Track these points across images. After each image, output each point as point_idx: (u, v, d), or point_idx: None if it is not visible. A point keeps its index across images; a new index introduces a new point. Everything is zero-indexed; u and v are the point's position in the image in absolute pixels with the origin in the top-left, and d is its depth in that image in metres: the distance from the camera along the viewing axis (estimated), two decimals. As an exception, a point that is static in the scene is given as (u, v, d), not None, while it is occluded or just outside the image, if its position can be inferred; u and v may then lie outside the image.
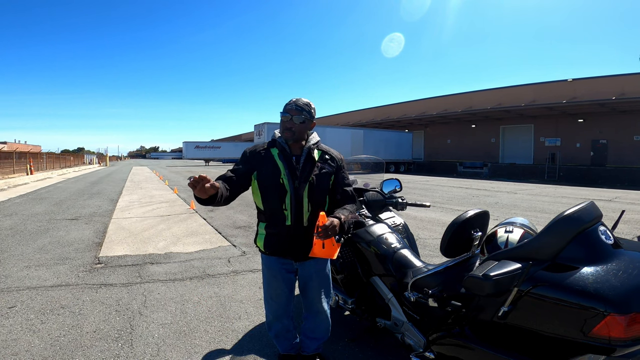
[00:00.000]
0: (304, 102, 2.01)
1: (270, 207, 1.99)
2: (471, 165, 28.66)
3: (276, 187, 1.95)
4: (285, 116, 1.99)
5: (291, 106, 1.99)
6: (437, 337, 1.89)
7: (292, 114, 1.98)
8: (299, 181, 1.96)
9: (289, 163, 1.99)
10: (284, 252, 2.05)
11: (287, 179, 1.95)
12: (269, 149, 2.04)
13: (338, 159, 2.14)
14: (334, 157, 2.12)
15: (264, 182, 1.98)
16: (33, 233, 6.44)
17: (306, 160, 2.02)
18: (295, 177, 1.97)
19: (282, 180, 1.95)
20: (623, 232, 6.50)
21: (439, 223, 7.51)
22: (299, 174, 1.98)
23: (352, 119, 43.63)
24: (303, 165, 2.00)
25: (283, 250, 2.04)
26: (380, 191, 3.04)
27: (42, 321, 3.04)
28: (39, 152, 36.90)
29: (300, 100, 2.01)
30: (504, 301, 1.48)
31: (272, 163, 1.99)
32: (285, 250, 2.04)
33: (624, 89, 22.40)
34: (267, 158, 2.01)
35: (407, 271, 2.26)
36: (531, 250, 1.51)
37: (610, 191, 15.04)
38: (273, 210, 1.99)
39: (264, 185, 1.99)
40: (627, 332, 1.24)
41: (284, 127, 2.00)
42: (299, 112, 1.98)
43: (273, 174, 1.96)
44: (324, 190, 2.05)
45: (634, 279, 1.31)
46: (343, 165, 2.15)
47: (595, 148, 25.21)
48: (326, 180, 2.04)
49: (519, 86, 28.80)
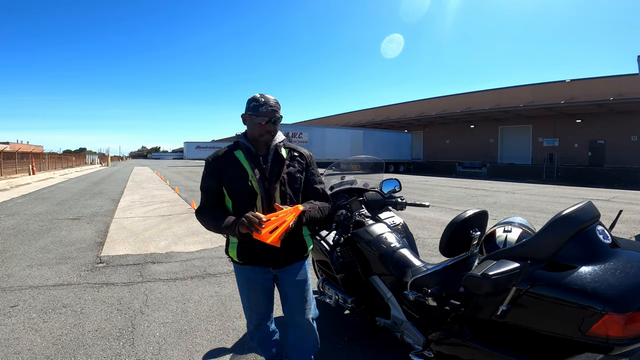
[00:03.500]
0: (275, 101, 1.86)
1: (241, 213, 1.77)
2: (470, 165, 28.69)
3: (246, 191, 1.83)
4: (263, 119, 1.82)
5: (267, 108, 1.82)
6: (436, 336, 1.91)
7: (270, 117, 1.82)
8: (269, 182, 1.84)
9: (256, 164, 1.86)
10: (261, 259, 1.89)
11: (256, 181, 1.82)
12: (232, 152, 1.90)
13: (307, 155, 2.03)
14: (303, 155, 2.01)
15: (232, 187, 1.85)
16: (35, 233, 6.45)
17: (274, 160, 1.90)
18: (265, 178, 1.85)
19: (250, 183, 1.83)
20: (621, 231, 6.53)
21: (438, 223, 7.53)
22: (268, 174, 1.86)
23: (352, 119, 43.62)
24: (271, 165, 1.88)
25: (259, 258, 1.88)
26: (379, 191, 3.06)
27: (44, 320, 3.05)
28: (41, 153, 36.85)
29: (271, 99, 1.85)
30: (502, 300, 1.49)
31: (238, 166, 1.86)
32: (262, 257, 1.88)
33: (622, 90, 22.45)
34: (233, 162, 1.87)
35: (406, 270, 2.27)
36: (529, 249, 1.52)
37: (608, 191, 15.08)
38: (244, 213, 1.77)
39: (232, 190, 1.86)
40: (624, 331, 1.25)
41: (262, 130, 1.84)
42: (275, 113, 1.84)
43: (241, 177, 1.84)
44: (297, 190, 1.94)
45: (632, 278, 1.33)
46: (312, 162, 2.04)
47: (593, 148, 25.26)
48: (297, 179, 1.94)
49: (518, 87, 28.84)
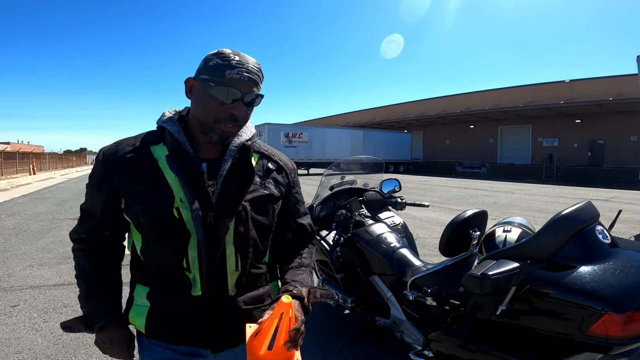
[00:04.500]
0: (256, 64, 0.99)
1: (156, 261, 1.01)
2: (470, 165, 28.69)
3: (164, 226, 0.96)
4: (233, 93, 0.95)
5: (241, 73, 0.94)
6: (436, 335, 1.91)
7: (245, 90, 0.96)
8: (216, 213, 0.98)
9: (193, 177, 0.98)
10: (190, 337, 1.04)
11: (189, 211, 0.96)
12: (148, 149, 1.02)
13: (290, 170, 1.18)
14: (283, 167, 1.16)
15: (139, 214, 0.98)
16: (36, 232, 6.45)
17: (234, 172, 1.03)
18: (209, 207, 0.98)
19: (177, 212, 0.96)
20: (620, 231, 6.54)
21: (438, 222, 7.54)
22: (215, 198, 0.99)
23: (352, 119, 43.60)
24: (226, 182, 1.01)
25: (187, 336, 1.04)
26: (379, 191, 3.07)
27: (44, 320, 3.05)
28: (42, 153, 36.93)
29: (251, 60, 0.98)
30: (502, 300, 1.50)
31: (154, 177, 0.98)
32: (193, 334, 1.04)
33: (621, 90, 22.46)
34: (145, 167, 0.99)
35: (406, 270, 2.28)
36: (529, 249, 1.53)
37: (607, 191, 15.09)
38: (162, 267, 1.00)
39: (140, 220, 0.98)
40: (624, 331, 1.26)
41: (224, 114, 0.96)
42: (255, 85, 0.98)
43: (158, 198, 0.97)
44: (267, 230, 1.10)
45: (631, 278, 1.33)
46: (297, 181, 1.23)
47: (592, 148, 25.27)
48: (270, 210, 1.09)
49: (517, 87, 28.84)
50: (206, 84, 0.95)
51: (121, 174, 0.99)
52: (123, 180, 0.98)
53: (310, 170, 26.05)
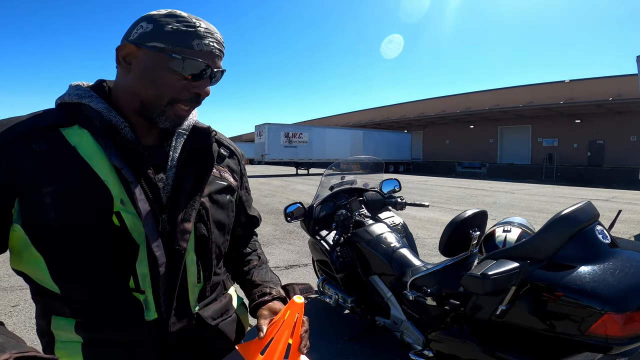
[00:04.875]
0: (220, 36, 0.82)
1: (86, 287, 0.75)
2: (469, 165, 28.70)
3: (102, 237, 0.73)
4: (200, 65, 0.77)
5: (212, 42, 0.78)
6: (436, 335, 1.91)
7: (213, 65, 0.79)
8: (170, 215, 0.79)
9: (136, 170, 0.77)
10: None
11: (133, 214, 0.74)
12: (58, 131, 0.74)
13: (240, 155, 1.04)
14: (234, 152, 1.01)
15: (53, 224, 0.70)
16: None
17: (189, 160, 0.85)
18: (159, 206, 0.78)
19: (116, 218, 0.73)
20: (620, 231, 6.54)
21: (438, 222, 7.54)
22: (166, 195, 0.81)
23: (352, 119, 43.62)
24: (178, 173, 0.83)
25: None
26: (379, 191, 3.07)
27: (43, 320, 3.06)
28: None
29: (216, 31, 0.80)
30: (502, 300, 1.50)
31: (77, 171, 0.72)
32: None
33: (621, 90, 22.48)
34: (57, 158, 0.72)
35: (406, 270, 2.28)
36: (529, 249, 1.53)
37: (607, 191, 15.09)
38: (97, 293, 0.76)
39: (53, 233, 0.71)
40: (623, 331, 1.26)
41: (185, 92, 0.79)
42: (219, 58, 0.82)
43: (87, 201, 0.72)
44: (227, 227, 0.94)
45: (631, 277, 1.33)
46: (245, 168, 1.07)
47: (592, 148, 25.28)
48: (229, 201, 0.94)
49: (517, 87, 28.85)
50: (163, 54, 0.75)
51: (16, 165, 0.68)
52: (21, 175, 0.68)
53: (310, 170, 26.05)
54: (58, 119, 0.75)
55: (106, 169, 0.74)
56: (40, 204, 0.70)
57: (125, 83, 0.80)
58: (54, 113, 0.77)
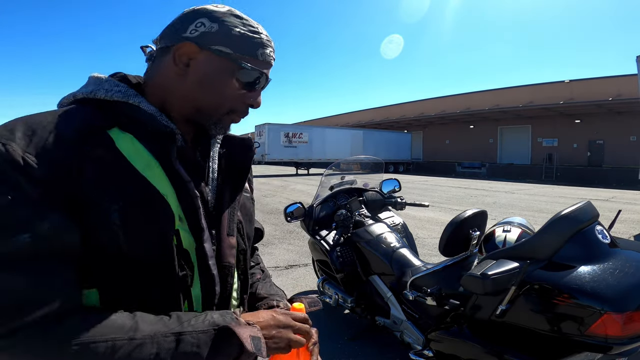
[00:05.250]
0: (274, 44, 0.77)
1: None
2: (469, 165, 28.71)
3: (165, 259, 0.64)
4: (263, 78, 0.73)
5: (272, 52, 0.74)
6: (436, 335, 1.91)
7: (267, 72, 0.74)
8: (218, 230, 0.74)
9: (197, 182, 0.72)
10: None
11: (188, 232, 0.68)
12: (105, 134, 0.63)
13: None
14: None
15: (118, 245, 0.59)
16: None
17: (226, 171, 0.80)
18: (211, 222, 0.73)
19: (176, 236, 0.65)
20: (620, 231, 6.54)
21: (438, 222, 7.53)
22: (213, 204, 0.75)
23: (352, 119, 43.63)
24: (219, 186, 0.78)
25: None
26: (379, 191, 3.07)
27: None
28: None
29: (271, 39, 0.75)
30: (501, 300, 1.50)
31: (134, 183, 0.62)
32: None
33: (620, 90, 22.48)
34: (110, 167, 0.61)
35: (406, 270, 2.28)
36: (529, 249, 1.53)
37: (606, 191, 15.09)
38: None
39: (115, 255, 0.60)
40: (623, 331, 1.26)
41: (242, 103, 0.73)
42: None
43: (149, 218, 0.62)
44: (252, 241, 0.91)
45: (631, 277, 1.33)
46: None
47: (592, 148, 25.30)
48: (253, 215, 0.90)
49: (517, 87, 28.86)
50: (230, 61, 0.68)
51: (78, 173, 0.58)
52: (83, 187, 0.58)
53: (310, 170, 26.05)
54: (103, 119, 0.64)
55: (163, 181, 0.65)
56: (106, 224, 0.59)
57: (178, 86, 0.70)
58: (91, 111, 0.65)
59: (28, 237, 0.52)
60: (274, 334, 0.67)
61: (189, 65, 0.68)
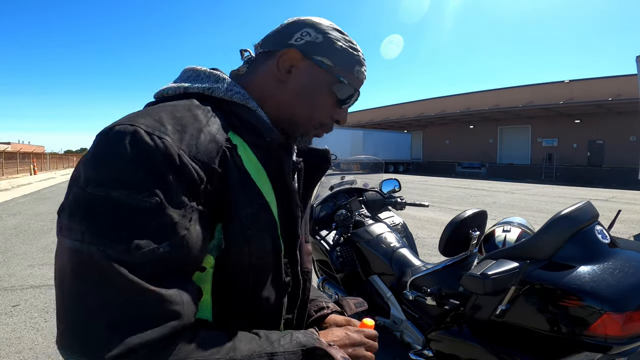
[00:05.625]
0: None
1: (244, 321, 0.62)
2: (469, 165, 28.71)
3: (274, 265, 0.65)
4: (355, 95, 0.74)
5: (365, 70, 0.74)
6: (436, 335, 1.92)
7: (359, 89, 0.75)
8: (305, 230, 0.79)
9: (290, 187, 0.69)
10: None
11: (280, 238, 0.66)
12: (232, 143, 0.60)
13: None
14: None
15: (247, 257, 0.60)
16: (37, 232, 6.45)
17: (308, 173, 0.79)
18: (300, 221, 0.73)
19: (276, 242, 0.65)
20: (619, 231, 6.55)
21: (438, 222, 7.54)
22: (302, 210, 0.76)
23: (352, 119, 43.57)
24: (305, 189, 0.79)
25: None
26: (379, 191, 3.07)
27: (45, 319, 3.06)
28: (43, 153, 37.06)
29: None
30: (501, 300, 1.50)
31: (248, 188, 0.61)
32: None
33: (620, 90, 22.48)
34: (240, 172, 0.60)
35: (406, 270, 2.28)
36: (528, 249, 1.53)
37: (606, 191, 15.10)
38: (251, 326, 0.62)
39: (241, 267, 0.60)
40: (623, 330, 1.26)
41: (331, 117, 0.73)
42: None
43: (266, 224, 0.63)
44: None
45: (630, 277, 1.33)
46: None
47: (591, 148, 25.31)
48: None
49: (517, 87, 28.85)
50: (330, 74, 0.68)
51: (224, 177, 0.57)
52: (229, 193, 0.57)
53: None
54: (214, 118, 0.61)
55: (269, 191, 0.64)
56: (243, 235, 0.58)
57: (276, 92, 0.69)
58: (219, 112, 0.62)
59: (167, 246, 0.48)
60: (350, 352, 0.67)
61: (290, 72, 0.68)
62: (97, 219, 0.46)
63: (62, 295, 0.48)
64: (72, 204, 0.48)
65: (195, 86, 0.64)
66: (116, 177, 0.47)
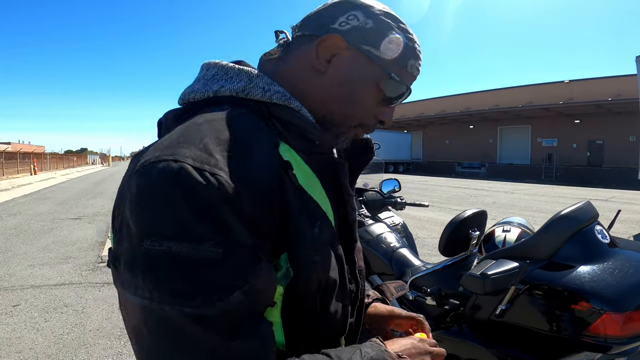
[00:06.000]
0: None
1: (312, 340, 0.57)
2: (469, 165, 28.72)
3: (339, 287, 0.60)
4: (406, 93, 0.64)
5: (420, 64, 0.64)
6: (436, 335, 1.91)
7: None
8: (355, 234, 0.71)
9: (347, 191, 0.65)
10: None
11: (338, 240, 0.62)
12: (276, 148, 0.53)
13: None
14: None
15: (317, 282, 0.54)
16: (37, 232, 6.45)
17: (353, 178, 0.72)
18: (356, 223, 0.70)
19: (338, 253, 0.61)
20: (619, 231, 6.55)
21: (438, 222, 7.54)
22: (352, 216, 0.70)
23: (351, 119, 43.63)
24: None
25: None
26: (379, 191, 3.07)
27: (45, 319, 3.06)
28: (43, 153, 37.09)
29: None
30: (501, 300, 1.50)
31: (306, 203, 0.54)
32: None
33: (620, 90, 22.48)
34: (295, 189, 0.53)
35: (405, 270, 2.28)
36: (528, 249, 1.53)
37: (606, 191, 15.10)
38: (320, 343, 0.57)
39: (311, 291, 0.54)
40: (623, 330, 1.26)
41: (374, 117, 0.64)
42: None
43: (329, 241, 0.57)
44: None
45: (630, 277, 1.34)
46: None
47: (591, 148, 25.31)
48: None
49: (516, 87, 28.87)
50: (378, 68, 0.59)
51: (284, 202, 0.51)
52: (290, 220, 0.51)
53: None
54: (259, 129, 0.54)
55: (325, 201, 0.57)
56: (311, 259, 0.53)
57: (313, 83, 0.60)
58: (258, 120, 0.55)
59: (239, 294, 0.43)
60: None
61: (330, 62, 0.58)
62: (161, 276, 0.42)
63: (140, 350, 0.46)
64: (129, 258, 0.44)
65: (227, 87, 0.56)
66: (172, 228, 0.41)
